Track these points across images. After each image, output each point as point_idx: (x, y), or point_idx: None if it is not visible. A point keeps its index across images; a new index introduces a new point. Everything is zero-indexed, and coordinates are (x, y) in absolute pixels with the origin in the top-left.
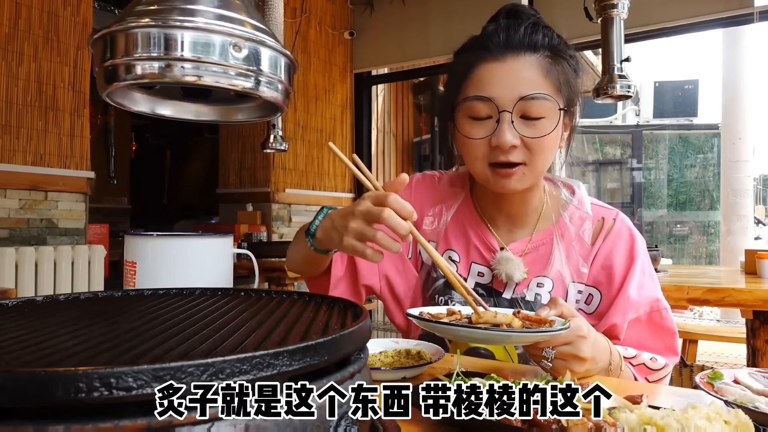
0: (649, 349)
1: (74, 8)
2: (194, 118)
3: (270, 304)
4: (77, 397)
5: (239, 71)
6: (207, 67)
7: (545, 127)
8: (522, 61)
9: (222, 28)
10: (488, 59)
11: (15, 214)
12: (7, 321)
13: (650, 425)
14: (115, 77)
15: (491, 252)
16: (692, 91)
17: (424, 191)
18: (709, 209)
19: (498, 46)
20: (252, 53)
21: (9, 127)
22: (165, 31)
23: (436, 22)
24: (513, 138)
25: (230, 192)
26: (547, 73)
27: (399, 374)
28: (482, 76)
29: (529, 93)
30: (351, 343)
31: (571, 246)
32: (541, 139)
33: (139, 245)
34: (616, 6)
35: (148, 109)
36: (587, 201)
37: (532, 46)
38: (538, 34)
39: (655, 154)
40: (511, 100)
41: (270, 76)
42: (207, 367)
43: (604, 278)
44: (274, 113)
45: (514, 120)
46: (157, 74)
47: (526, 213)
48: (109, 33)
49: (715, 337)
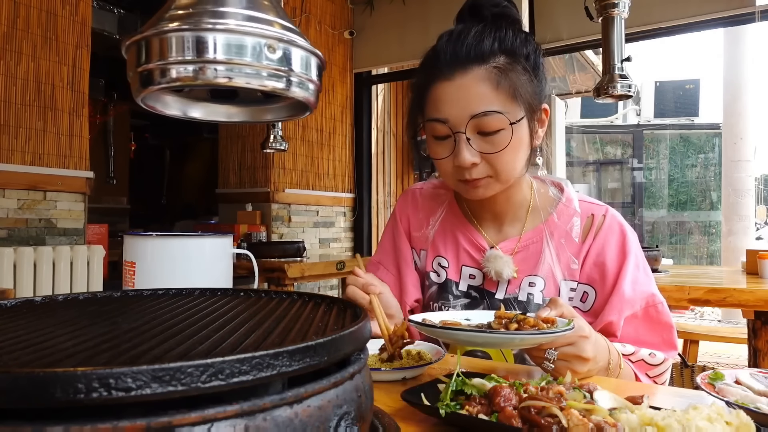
0: (647, 345)
1: (73, 7)
2: (225, 120)
3: (270, 304)
4: (76, 397)
5: (271, 72)
6: (239, 69)
7: (503, 140)
8: (470, 77)
9: (254, 30)
10: (440, 79)
11: (13, 214)
12: (6, 321)
13: (651, 426)
14: (150, 81)
15: (481, 252)
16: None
17: (407, 211)
18: (710, 209)
19: (446, 64)
20: (285, 54)
21: (7, 126)
22: (197, 34)
23: (436, 21)
24: (471, 156)
25: (230, 192)
26: (498, 85)
27: (399, 374)
28: (436, 96)
29: (479, 111)
30: (351, 343)
31: (561, 243)
32: (500, 152)
33: (139, 245)
34: (617, 5)
35: (180, 112)
36: (575, 198)
37: (479, 58)
38: (486, 42)
39: (656, 154)
40: (463, 120)
41: (301, 76)
42: (207, 367)
43: (597, 275)
44: (303, 113)
45: (470, 137)
46: (191, 77)
47: (512, 211)
48: (143, 38)
49: (716, 337)
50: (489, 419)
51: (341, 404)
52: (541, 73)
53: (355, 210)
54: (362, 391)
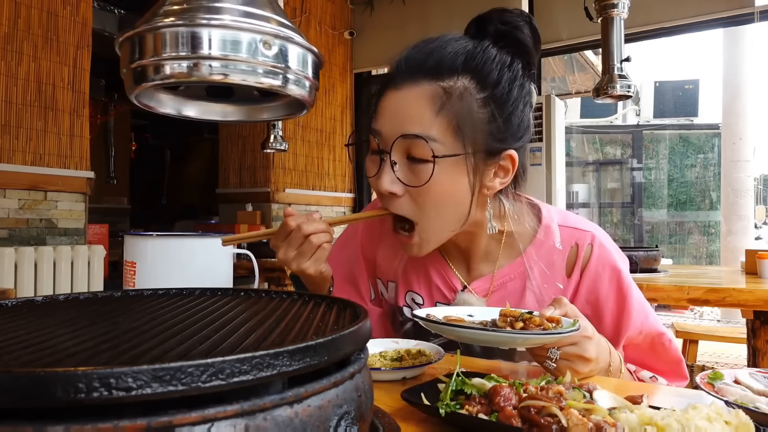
0: (651, 369)
1: (74, 8)
2: (220, 119)
3: (270, 304)
4: (77, 397)
5: (267, 69)
6: (235, 65)
7: (425, 174)
8: (415, 91)
9: (250, 26)
10: (390, 87)
11: (14, 214)
12: (7, 321)
13: (651, 425)
14: (143, 78)
15: (453, 292)
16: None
17: (376, 235)
18: (709, 209)
19: (400, 71)
20: (281, 50)
21: (8, 126)
22: (192, 29)
23: (436, 22)
24: (390, 184)
25: (230, 192)
26: (440, 109)
27: (399, 374)
28: (381, 106)
29: (409, 131)
30: (351, 343)
31: (545, 274)
32: (421, 189)
33: (139, 245)
34: (617, 6)
35: (175, 110)
36: (556, 228)
37: (433, 71)
38: (449, 54)
39: (655, 154)
40: (391, 137)
41: (298, 73)
42: (207, 367)
43: (590, 313)
44: (300, 111)
45: (396, 161)
46: (185, 73)
47: (479, 247)
48: (136, 34)
49: (715, 337)
50: (489, 419)
51: (341, 404)
52: (516, 112)
53: (355, 210)
54: (362, 390)
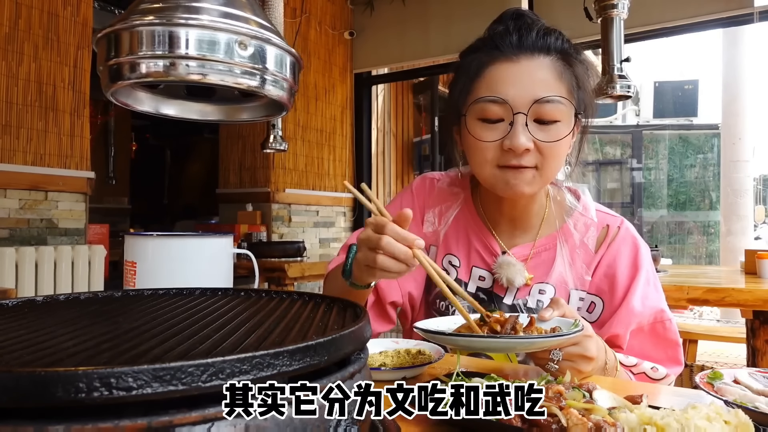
0: (652, 359)
1: (74, 8)
2: (199, 118)
3: (270, 304)
4: (77, 397)
5: (245, 69)
6: (212, 66)
7: (559, 132)
8: (536, 63)
9: (227, 26)
10: (501, 60)
11: (15, 214)
12: (7, 321)
13: (650, 425)
14: (119, 76)
15: (493, 256)
16: (692, 91)
17: (423, 194)
18: (709, 209)
19: (511, 46)
20: (258, 51)
21: (9, 127)
22: (170, 28)
23: (436, 22)
24: (527, 141)
25: (230, 192)
26: (561, 76)
27: (399, 374)
28: (495, 77)
29: (543, 95)
30: (351, 343)
31: (575, 252)
32: (555, 143)
33: (139, 245)
34: (616, 6)
35: (153, 109)
36: (592, 207)
37: (545, 49)
38: (551, 37)
39: (655, 154)
40: (525, 102)
41: (275, 75)
42: (207, 367)
43: (606, 286)
44: (279, 112)
45: (528, 123)
46: (162, 72)
47: (528, 217)
48: (113, 31)
49: (715, 337)
50: (489, 419)
51: (341, 404)
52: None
53: (355, 210)
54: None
